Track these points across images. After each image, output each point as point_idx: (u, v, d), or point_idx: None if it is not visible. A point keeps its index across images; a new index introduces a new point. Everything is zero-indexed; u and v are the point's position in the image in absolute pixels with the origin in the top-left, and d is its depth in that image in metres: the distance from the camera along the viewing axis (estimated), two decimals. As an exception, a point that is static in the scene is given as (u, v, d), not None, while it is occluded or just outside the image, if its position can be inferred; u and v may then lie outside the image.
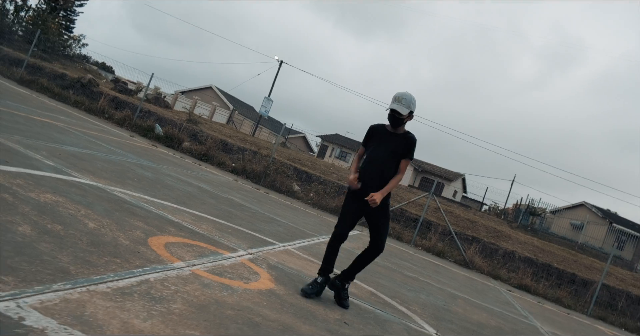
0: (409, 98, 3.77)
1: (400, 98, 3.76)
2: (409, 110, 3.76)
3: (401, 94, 3.78)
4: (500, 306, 7.83)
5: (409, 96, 3.78)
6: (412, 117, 3.87)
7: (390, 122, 3.84)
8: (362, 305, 4.30)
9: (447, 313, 5.45)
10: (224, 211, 6.62)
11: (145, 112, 16.63)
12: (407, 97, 3.77)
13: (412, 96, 3.80)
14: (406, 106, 3.74)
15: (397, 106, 3.73)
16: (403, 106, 3.73)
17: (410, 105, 3.76)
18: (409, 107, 3.75)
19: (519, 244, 15.41)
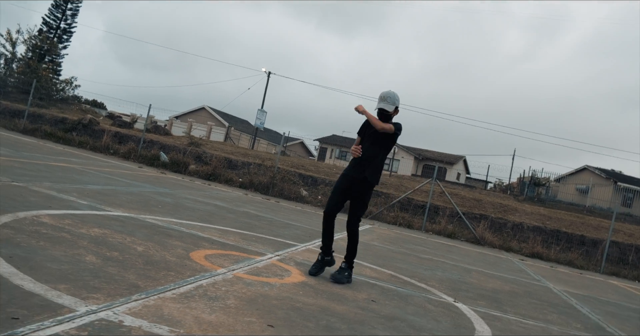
0: (392, 96, 4.40)
1: (386, 97, 4.39)
2: (394, 106, 4.39)
3: (386, 94, 4.41)
4: (514, 274, 8.34)
5: (392, 94, 4.41)
6: (397, 112, 4.48)
7: (380, 119, 4.41)
8: (385, 285, 4.83)
9: (463, 285, 5.97)
10: (243, 223, 7.16)
11: (148, 142, 17.20)
12: (391, 95, 4.40)
13: (395, 93, 4.44)
14: (391, 103, 4.38)
15: (384, 105, 4.36)
16: (389, 103, 4.37)
17: (394, 102, 4.40)
18: (393, 103, 4.39)
19: (526, 215, 15.92)
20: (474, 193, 20.17)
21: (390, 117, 4.42)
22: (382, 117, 4.38)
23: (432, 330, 3.56)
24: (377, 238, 9.26)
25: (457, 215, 14.18)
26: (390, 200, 14.80)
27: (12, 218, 4.12)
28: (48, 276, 2.85)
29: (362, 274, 5.17)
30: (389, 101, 4.35)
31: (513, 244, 13.31)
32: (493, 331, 3.91)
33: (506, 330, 4.09)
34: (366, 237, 8.97)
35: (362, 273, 5.19)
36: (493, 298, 5.44)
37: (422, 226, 13.76)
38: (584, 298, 7.10)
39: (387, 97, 4.36)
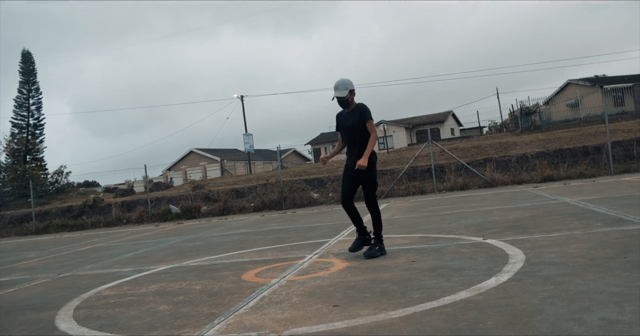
0: (342, 83, 4.87)
1: (337, 86, 4.87)
2: (347, 91, 4.85)
3: (336, 83, 4.89)
4: (531, 201, 8.79)
5: (342, 81, 4.88)
6: (354, 94, 4.96)
7: (341, 106, 4.97)
8: (418, 246, 5.27)
9: (487, 224, 6.41)
10: (273, 239, 7.60)
11: (155, 201, 17.65)
12: (341, 83, 4.87)
13: (344, 80, 4.90)
14: (343, 89, 4.85)
15: (337, 93, 4.85)
16: (341, 90, 4.84)
17: (346, 87, 4.87)
18: (346, 88, 4.86)
19: (526, 145, 16.37)
20: (471, 142, 20.64)
21: (348, 102, 4.88)
22: (341, 104, 4.91)
23: (471, 266, 4.00)
24: (397, 212, 9.70)
25: (463, 167, 14.63)
26: (396, 175, 15.24)
27: (79, 300, 4.56)
28: (139, 330, 3.29)
29: (395, 244, 5.62)
30: (340, 88, 4.82)
31: (523, 176, 13.76)
32: (524, 251, 4.36)
33: (535, 247, 4.53)
34: (386, 214, 9.40)
35: (394, 243, 5.64)
36: (517, 227, 5.88)
37: (434, 187, 14.20)
38: (600, 201, 7.54)
39: (338, 86, 4.83)
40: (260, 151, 45.71)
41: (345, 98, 4.83)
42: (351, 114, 4.92)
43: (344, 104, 4.89)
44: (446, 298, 3.15)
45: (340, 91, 4.81)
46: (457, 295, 3.20)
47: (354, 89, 4.90)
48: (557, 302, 2.83)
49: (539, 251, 4.33)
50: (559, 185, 11.73)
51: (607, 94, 34.10)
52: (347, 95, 4.82)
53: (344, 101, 4.86)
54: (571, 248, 4.28)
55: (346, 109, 4.97)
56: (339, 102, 4.89)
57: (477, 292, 3.23)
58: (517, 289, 3.21)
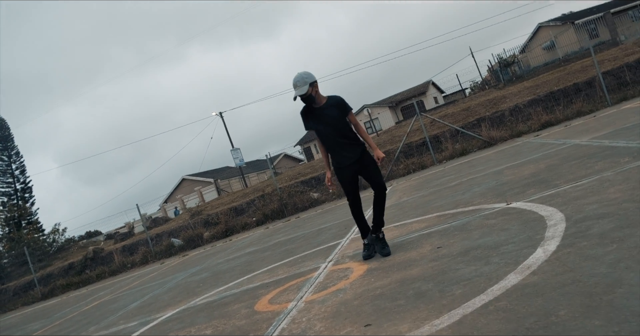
0: (300, 78, 4.26)
1: (295, 83, 4.28)
2: (307, 85, 4.24)
3: (294, 80, 4.29)
4: (539, 151, 8.25)
5: (299, 76, 4.28)
6: (317, 86, 4.36)
7: (306, 103, 4.37)
8: (439, 228, 4.71)
9: (504, 186, 5.86)
10: (282, 252, 7.03)
11: (155, 238, 17.03)
12: (299, 78, 4.26)
13: (302, 74, 4.29)
14: (302, 85, 4.24)
15: (298, 91, 4.25)
16: (300, 87, 4.24)
17: (305, 81, 4.25)
18: (305, 83, 4.25)
19: (515, 96, 15.85)
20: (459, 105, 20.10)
21: (313, 97, 4.31)
22: (305, 101, 4.32)
23: (508, 240, 3.45)
24: (403, 193, 9.15)
25: (458, 132, 14.10)
26: (392, 155, 14.69)
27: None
28: None
29: (412, 230, 5.06)
30: (299, 85, 4.24)
31: (520, 128, 13.24)
32: (559, 208, 3.81)
33: (569, 200, 3.98)
34: (392, 198, 8.85)
35: (411, 230, 5.08)
36: (538, 182, 5.34)
37: (433, 159, 13.66)
38: (613, 135, 7.01)
39: (296, 83, 4.24)
40: (251, 163, 45.07)
41: (307, 94, 4.24)
42: (326, 109, 4.35)
43: (309, 100, 4.32)
44: (495, 288, 2.60)
45: (300, 88, 4.23)
46: (507, 281, 2.65)
47: (315, 81, 4.29)
48: (633, 265, 2.28)
49: (576, 204, 3.78)
50: (560, 128, 11.20)
51: (579, 29, 33.64)
52: (308, 90, 4.23)
53: (307, 97, 4.28)
54: (611, 193, 3.74)
55: (314, 105, 4.39)
56: (303, 101, 4.33)
57: (528, 272, 2.68)
58: (575, 257, 2.66)
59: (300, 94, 4.23)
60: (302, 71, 4.32)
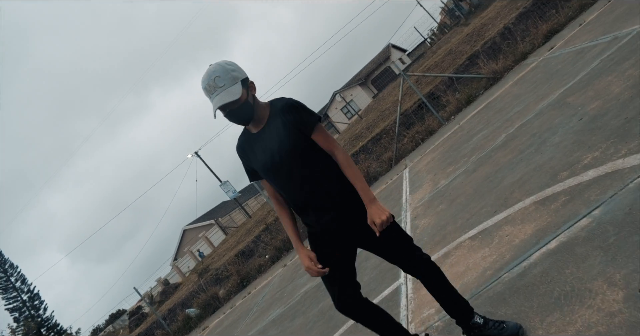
0: (222, 71, 2.05)
1: (213, 82, 2.02)
2: (238, 82, 2.06)
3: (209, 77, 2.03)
4: (586, 60, 6.05)
5: (220, 68, 2.06)
6: (254, 87, 2.17)
7: (240, 121, 2.13)
8: (576, 229, 2.50)
9: (605, 119, 3.65)
10: (317, 318, 4.81)
11: (168, 314, 14.82)
12: (220, 71, 2.04)
13: (223, 64, 2.08)
14: (230, 83, 2.03)
15: (221, 97, 2.01)
16: (225, 88, 2.02)
17: (233, 76, 2.06)
18: (234, 80, 2.05)
19: (495, 20, 13.67)
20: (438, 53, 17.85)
21: (250, 106, 2.10)
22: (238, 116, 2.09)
23: None
24: (434, 175, 6.93)
25: (453, 81, 11.90)
26: (391, 133, 12.49)
27: None
28: None
29: (518, 244, 2.84)
30: (222, 83, 2.02)
31: (522, 48, 11.04)
32: None
33: None
34: (425, 186, 6.64)
35: (516, 244, 2.86)
36: None
37: (440, 120, 11.46)
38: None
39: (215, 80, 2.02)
40: (245, 190, 42.79)
41: (241, 100, 2.06)
42: (269, 129, 2.15)
43: (243, 112, 2.09)
44: None
45: (224, 89, 2.03)
46: None
47: (248, 79, 2.14)
48: None
49: None
50: (574, 30, 9.01)
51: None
52: (242, 93, 2.06)
53: (241, 106, 2.07)
54: None
55: (251, 125, 2.19)
56: (233, 115, 2.09)
57: None
58: None
59: (228, 100, 1.99)
60: (220, 62, 2.08)
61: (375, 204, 2.03)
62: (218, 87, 2.01)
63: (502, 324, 2.16)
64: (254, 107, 2.10)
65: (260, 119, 2.14)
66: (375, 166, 11.94)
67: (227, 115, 2.07)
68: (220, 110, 2.04)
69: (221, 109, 2.04)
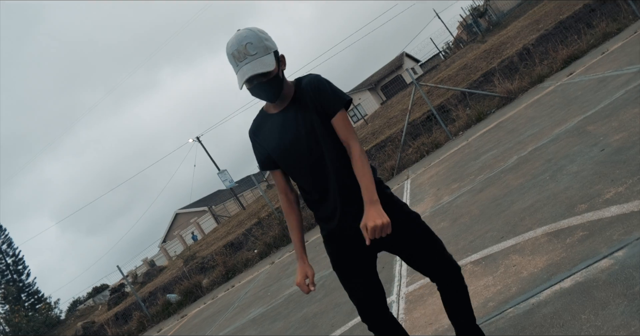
0: (256, 38, 1.80)
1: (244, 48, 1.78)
2: (271, 53, 1.82)
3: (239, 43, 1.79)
4: (609, 89, 5.86)
5: (253, 35, 1.81)
6: (284, 61, 1.92)
7: (267, 97, 1.88)
8: (595, 270, 2.30)
9: (630, 153, 3.46)
10: (299, 324, 4.62)
11: (149, 297, 14.60)
12: (253, 38, 1.80)
13: (256, 31, 1.83)
14: (263, 52, 1.79)
15: (253, 66, 1.77)
16: (258, 56, 1.78)
17: (266, 45, 1.81)
18: (267, 49, 1.81)
19: (515, 39, 13.48)
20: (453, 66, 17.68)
21: (279, 80, 1.85)
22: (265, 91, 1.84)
23: None
24: (437, 190, 6.74)
25: (465, 96, 11.71)
26: (396, 141, 12.29)
27: None
28: None
29: (527, 276, 2.65)
30: (254, 52, 1.78)
31: (540, 71, 10.85)
32: None
33: None
34: (427, 200, 6.45)
35: (523, 276, 2.66)
36: None
37: (448, 134, 11.27)
38: None
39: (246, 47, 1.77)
40: (243, 181, 42.54)
41: (273, 73, 1.82)
42: (292, 111, 1.93)
43: (272, 87, 1.84)
44: None
45: (256, 58, 1.78)
46: None
47: (278, 51, 1.89)
48: None
49: None
50: (596, 58, 8.84)
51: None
52: (274, 64, 1.81)
53: (271, 80, 1.82)
54: None
55: (272, 105, 1.95)
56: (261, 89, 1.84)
57: None
58: None
59: (261, 71, 1.76)
60: (252, 27, 1.84)
61: (376, 206, 1.78)
62: (249, 55, 1.77)
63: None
64: (283, 83, 1.87)
65: (284, 98, 1.91)
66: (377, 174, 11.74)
67: (253, 88, 1.82)
68: (247, 82, 1.80)
69: (248, 81, 1.80)
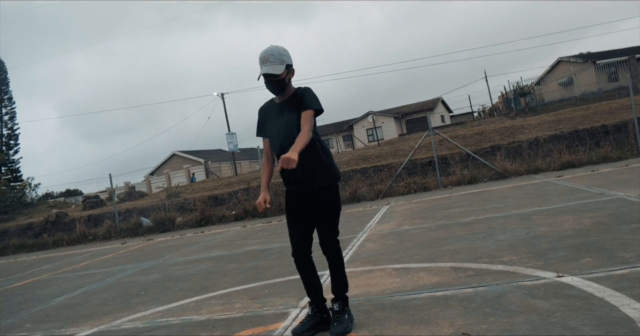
0: (277, 52, 2.93)
1: (267, 56, 2.92)
2: (284, 65, 2.93)
3: (266, 52, 2.93)
4: (570, 198, 7.04)
5: (276, 50, 2.95)
6: (293, 73, 3.03)
7: (272, 90, 3.02)
8: (458, 292, 3.46)
9: (540, 241, 4.63)
10: (249, 269, 5.77)
11: (124, 213, 15.72)
12: (275, 52, 2.94)
13: (279, 48, 2.97)
14: (278, 63, 2.92)
15: (268, 68, 2.90)
16: (274, 64, 2.91)
17: (282, 59, 2.94)
18: (282, 62, 2.93)
19: (534, 128, 14.66)
20: (472, 128, 18.89)
21: (284, 83, 2.98)
22: (273, 87, 2.99)
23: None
24: (403, 219, 7.91)
25: (469, 157, 12.89)
26: (394, 170, 13.45)
27: None
28: None
29: (419, 285, 3.81)
30: (273, 61, 2.91)
31: (539, 164, 12.05)
32: (653, 308, 2.57)
33: (663, 295, 2.74)
34: (390, 223, 7.61)
35: (418, 285, 3.82)
36: (593, 247, 4.10)
37: (439, 183, 12.44)
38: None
39: (269, 56, 2.91)
40: (245, 150, 43.66)
41: (280, 77, 2.94)
42: (286, 105, 3.04)
43: (277, 86, 2.98)
44: None
45: (273, 64, 2.91)
46: None
47: (292, 65, 3.01)
48: None
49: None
50: (585, 172, 10.02)
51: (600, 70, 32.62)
52: (283, 72, 2.94)
53: (277, 81, 2.95)
54: None
55: (277, 97, 3.08)
56: (270, 84, 2.97)
57: None
58: None
59: (272, 73, 2.89)
60: (279, 46, 2.99)
61: (294, 151, 2.72)
62: (269, 62, 2.89)
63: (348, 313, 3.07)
64: (286, 85, 3.02)
65: (285, 95, 3.05)
66: (365, 190, 12.90)
67: (266, 82, 2.98)
68: (264, 77, 2.97)
69: (264, 77, 2.97)
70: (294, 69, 3.03)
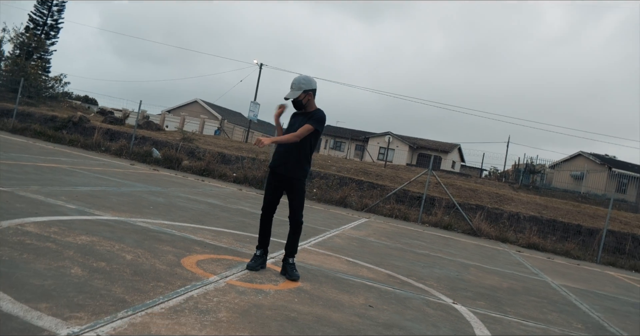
0: (297, 81, 4.21)
1: (291, 84, 4.26)
2: (301, 91, 4.19)
3: (292, 81, 4.26)
4: (511, 267, 8.28)
5: (297, 79, 4.26)
6: (312, 95, 4.27)
7: (294, 106, 4.35)
8: (382, 287, 4.73)
9: (461, 283, 5.88)
10: (237, 222, 7.03)
11: (140, 138, 17.00)
12: (296, 81, 4.25)
13: (301, 77, 4.27)
14: (296, 89, 4.22)
15: (289, 94, 4.25)
16: (293, 91, 4.23)
17: (300, 86, 4.20)
18: (299, 88, 4.22)
19: (522, 205, 15.88)
20: (469, 182, 20.13)
21: (302, 104, 4.26)
22: (295, 104, 4.31)
23: (432, 337, 3.46)
24: (373, 233, 9.16)
25: (454, 207, 14.12)
26: (385, 192, 14.70)
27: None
28: (29, 294, 2.71)
29: (359, 275, 5.07)
30: (293, 88, 4.21)
31: (509, 235, 13.27)
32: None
33: (507, 334, 3.99)
34: (362, 232, 8.87)
35: (358, 274, 5.09)
36: (492, 298, 5.36)
37: (419, 218, 13.68)
38: (583, 293, 7.04)
39: (291, 85, 4.23)
40: (263, 123, 44.97)
41: (297, 100, 4.24)
42: (304, 116, 4.29)
43: (295, 105, 4.32)
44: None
45: (292, 91, 4.23)
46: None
47: (310, 90, 4.25)
48: None
49: (509, 340, 3.80)
50: (543, 257, 11.25)
51: (612, 177, 33.69)
52: (300, 96, 4.21)
53: (295, 102, 4.28)
54: (545, 349, 3.76)
55: (302, 110, 4.37)
56: (292, 102, 4.30)
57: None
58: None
59: (290, 97, 4.25)
60: (303, 75, 4.32)
61: (270, 139, 4.09)
62: (291, 88, 4.22)
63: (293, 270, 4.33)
64: (304, 105, 4.29)
65: (307, 109, 4.30)
66: (354, 200, 14.16)
67: (292, 101, 4.31)
68: (286, 98, 4.29)
69: (286, 98, 4.29)
70: (312, 93, 4.26)
